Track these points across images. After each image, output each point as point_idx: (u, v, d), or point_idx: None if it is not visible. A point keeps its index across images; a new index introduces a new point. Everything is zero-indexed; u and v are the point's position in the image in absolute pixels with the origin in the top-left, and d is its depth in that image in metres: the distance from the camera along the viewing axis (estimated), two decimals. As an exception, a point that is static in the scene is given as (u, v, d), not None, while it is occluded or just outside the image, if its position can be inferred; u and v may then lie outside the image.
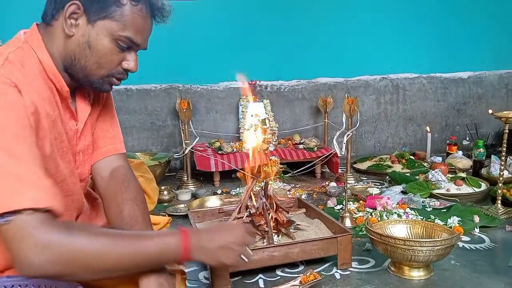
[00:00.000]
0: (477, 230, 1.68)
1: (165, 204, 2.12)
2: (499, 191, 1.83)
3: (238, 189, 2.30)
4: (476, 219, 1.74)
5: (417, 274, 1.31)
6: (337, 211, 1.92)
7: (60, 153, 0.93)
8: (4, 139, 0.78)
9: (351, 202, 1.99)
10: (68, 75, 0.96)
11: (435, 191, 2.06)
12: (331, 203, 2.01)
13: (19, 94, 0.82)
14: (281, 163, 2.44)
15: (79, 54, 0.93)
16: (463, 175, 2.23)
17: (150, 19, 0.98)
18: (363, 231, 1.63)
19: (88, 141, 1.07)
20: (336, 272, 1.37)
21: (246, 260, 0.97)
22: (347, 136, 2.31)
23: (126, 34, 0.93)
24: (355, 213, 1.87)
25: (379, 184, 2.40)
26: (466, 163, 2.58)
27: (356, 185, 2.35)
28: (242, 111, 2.74)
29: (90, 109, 1.05)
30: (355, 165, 2.75)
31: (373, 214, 1.82)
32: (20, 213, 0.75)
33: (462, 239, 1.59)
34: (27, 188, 0.77)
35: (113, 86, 1.01)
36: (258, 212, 1.44)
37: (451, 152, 2.75)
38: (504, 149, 1.81)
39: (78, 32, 0.92)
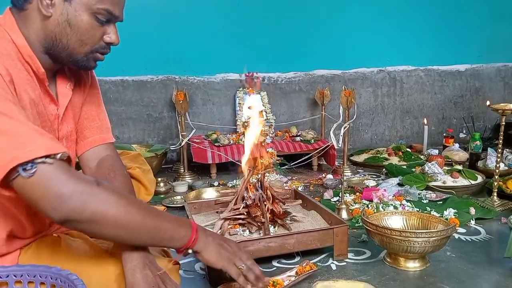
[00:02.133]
0: (473, 222, 1.68)
1: (162, 196, 2.11)
2: (495, 184, 1.84)
3: (234, 181, 2.29)
4: (472, 211, 1.74)
5: (412, 265, 1.32)
6: (333, 203, 1.92)
7: None
8: None
9: (347, 194, 1.99)
10: (49, 57, 0.95)
11: (432, 184, 2.06)
12: (327, 195, 2.02)
13: None
14: (278, 155, 2.44)
15: (60, 33, 0.92)
16: (460, 167, 2.23)
17: None
18: (359, 223, 1.63)
19: (70, 127, 1.06)
20: (332, 263, 1.37)
21: (242, 267, 1.00)
22: (344, 129, 2.31)
23: (104, 6, 0.93)
24: (351, 205, 1.87)
25: (375, 176, 2.40)
26: (463, 155, 2.58)
27: (353, 177, 2.35)
28: (239, 103, 2.73)
29: (71, 94, 1.03)
30: (352, 158, 2.75)
31: (369, 206, 1.82)
32: (42, 163, 0.78)
33: (458, 230, 1.60)
34: (36, 139, 0.79)
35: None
36: (254, 204, 1.44)
37: (447, 144, 2.76)
38: (501, 141, 1.82)
39: (56, 12, 0.91)
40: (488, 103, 1.97)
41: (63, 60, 0.97)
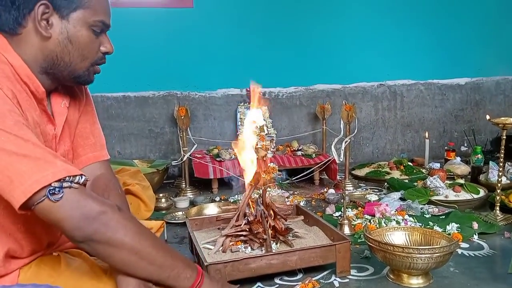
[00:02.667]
0: (475, 236, 1.67)
1: (163, 211, 2.11)
2: (498, 198, 1.83)
3: (236, 196, 2.29)
4: (475, 225, 1.74)
5: (416, 282, 1.31)
6: (335, 218, 1.92)
7: None
8: (7, 126, 0.81)
9: (349, 209, 1.99)
10: (48, 77, 0.96)
11: (434, 198, 2.05)
12: (329, 210, 2.01)
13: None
14: (279, 170, 2.44)
15: (61, 52, 0.94)
16: (462, 181, 2.22)
17: None
18: (361, 238, 1.62)
19: (67, 146, 1.07)
20: (334, 279, 1.36)
21: None
22: (345, 143, 2.31)
23: (99, 18, 0.96)
24: (353, 220, 1.86)
25: (377, 190, 2.39)
26: (465, 169, 2.57)
27: (355, 192, 2.35)
28: (240, 118, 2.74)
29: (66, 113, 1.04)
30: (353, 172, 2.74)
31: (371, 221, 1.82)
32: (68, 187, 0.82)
33: (461, 246, 1.59)
34: (53, 161, 0.82)
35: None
36: (256, 220, 1.44)
37: (449, 158, 2.75)
38: (502, 155, 1.81)
39: (55, 31, 0.92)
40: (488, 117, 1.97)
41: (64, 78, 0.98)
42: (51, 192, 0.80)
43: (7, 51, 0.91)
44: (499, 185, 1.82)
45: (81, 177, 0.85)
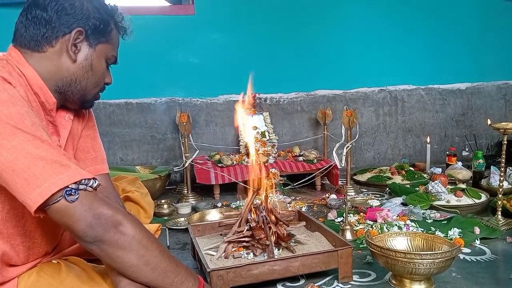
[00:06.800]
0: (477, 241, 1.67)
1: (165, 217, 2.11)
2: (499, 202, 1.83)
3: (238, 202, 2.29)
4: (477, 230, 1.74)
5: (418, 287, 1.31)
6: (337, 223, 1.92)
7: None
8: (26, 126, 0.83)
9: (351, 215, 1.99)
10: (57, 96, 1.01)
11: (435, 203, 2.06)
12: (331, 215, 2.01)
13: (15, 89, 0.87)
14: (281, 176, 2.44)
15: (81, 76, 1.00)
16: (463, 186, 2.23)
17: None
18: (363, 244, 1.63)
19: None
20: (337, 285, 1.36)
21: None
22: (346, 148, 2.32)
23: (115, 53, 1.06)
24: (355, 225, 1.86)
25: (379, 196, 2.39)
26: (466, 174, 2.58)
27: (356, 197, 2.35)
28: (242, 124, 2.74)
29: (70, 126, 1.08)
30: (355, 177, 2.75)
31: (373, 226, 1.82)
32: (83, 190, 0.85)
33: (463, 251, 1.58)
34: (68, 164, 0.85)
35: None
36: (258, 226, 1.44)
37: (450, 163, 2.76)
38: (503, 160, 1.82)
39: (81, 57, 0.98)
40: (489, 122, 1.97)
41: (73, 100, 1.04)
42: (67, 193, 0.82)
43: (21, 64, 0.95)
44: (500, 189, 1.82)
45: (95, 182, 0.88)
